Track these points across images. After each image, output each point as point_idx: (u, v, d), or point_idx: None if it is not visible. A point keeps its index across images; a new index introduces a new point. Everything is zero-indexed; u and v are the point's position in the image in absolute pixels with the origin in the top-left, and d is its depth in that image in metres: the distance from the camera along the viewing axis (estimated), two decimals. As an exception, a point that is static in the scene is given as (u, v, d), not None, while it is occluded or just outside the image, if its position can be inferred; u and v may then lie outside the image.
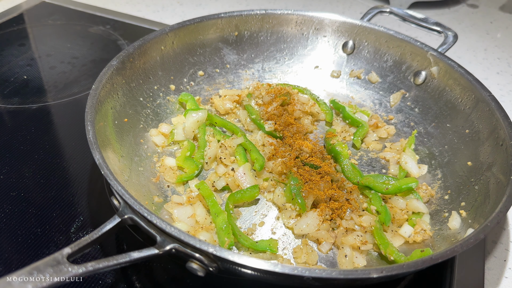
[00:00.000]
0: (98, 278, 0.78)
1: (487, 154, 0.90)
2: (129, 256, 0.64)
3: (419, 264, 0.64)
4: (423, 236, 0.86)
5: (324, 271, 0.61)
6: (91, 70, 1.38)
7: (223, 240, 0.80)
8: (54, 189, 0.96)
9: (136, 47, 1.04)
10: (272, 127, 1.06)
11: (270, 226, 0.90)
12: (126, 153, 0.94)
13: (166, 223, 0.65)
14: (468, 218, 0.84)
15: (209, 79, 1.23)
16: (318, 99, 1.20)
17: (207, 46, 1.21)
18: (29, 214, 0.89)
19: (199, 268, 0.66)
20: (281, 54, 1.28)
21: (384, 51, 1.19)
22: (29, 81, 1.31)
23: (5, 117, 1.17)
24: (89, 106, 0.85)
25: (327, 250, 0.84)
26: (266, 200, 0.95)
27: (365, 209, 0.92)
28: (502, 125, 0.88)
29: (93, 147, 0.77)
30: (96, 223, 0.89)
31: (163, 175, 0.97)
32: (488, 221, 0.71)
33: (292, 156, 0.98)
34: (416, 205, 0.91)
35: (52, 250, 0.83)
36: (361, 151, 1.10)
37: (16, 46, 1.47)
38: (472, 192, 0.89)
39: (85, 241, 0.65)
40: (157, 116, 1.10)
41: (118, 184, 0.70)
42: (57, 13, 1.68)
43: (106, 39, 1.53)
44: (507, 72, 1.52)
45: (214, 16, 1.18)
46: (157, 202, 0.90)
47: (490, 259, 0.88)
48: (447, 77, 1.06)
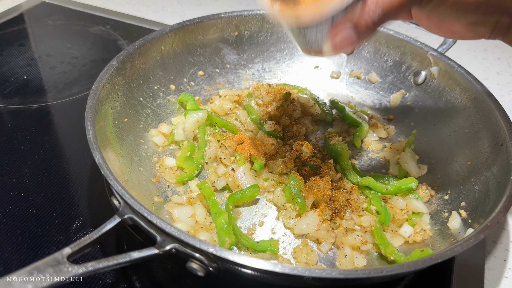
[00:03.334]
0: (98, 278, 0.78)
1: (487, 154, 0.90)
2: (129, 256, 0.64)
3: (419, 264, 0.64)
4: (423, 236, 0.86)
5: (324, 271, 0.61)
6: (91, 70, 1.38)
7: (223, 240, 0.80)
8: (54, 189, 0.96)
9: (136, 47, 1.04)
10: (272, 127, 1.06)
11: (270, 226, 0.90)
12: (126, 153, 0.94)
13: (166, 223, 0.65)
14: (468, 218, 0.84)
15: (209, 79, 1.23)
16: (318, 99, 1.20)
17: (207, 46, 1.21)
18: (29, 214, 0.89)
19: (199, 268, 0.66)
20: (281, 54, 1.28)
21: (384, 51, 1.19)
22: (29, 81, 1.31)
23: (5, 117, 1.17)
24: (89, 106, 0.85)
25: (327, 250, 0.84)
26: (266, 200, 0.95)
27: (365, 209, 0.92)
28: (502, 125, 0.88)
29: (93, 147, 0.77)
30: (96, 223, 0.89)
31: (163, 175, 0.97)
32: (488, 221, 0.71)
33: (292, 156, 0.98)
34: (416, 205, 0.91)
35: (52, 250, 0.83)
36: (361, 151, 1.10)
37: (16, 46, 1.47)
38: (472, 192, 0.89)
39: (85, 241, 0.65)
40: (157, 116, 1.10)
41: (118, 184, 0.70)
42: (57, 13, 1.68)
43: (106, 39, 1.53)
44: (507, 72, 1.52)
45: (214, 16, 1.18)
46: (157, 202, 0.90)
47: (490, 259, 0.88)
48: (447, 77, 1.06)
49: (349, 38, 0.68)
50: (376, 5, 0.65)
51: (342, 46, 0.70)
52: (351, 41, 0.69)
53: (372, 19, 0.66)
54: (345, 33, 0.68)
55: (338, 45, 0.70)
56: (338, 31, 0.69)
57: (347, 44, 0.69)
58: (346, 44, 0.69)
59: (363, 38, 0.69)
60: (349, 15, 0.68)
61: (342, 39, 0.69)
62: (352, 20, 0.68)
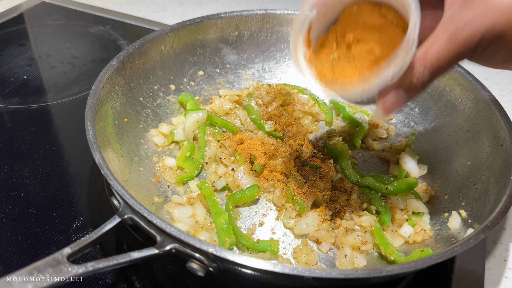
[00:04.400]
0: (98, 278, 0.78)
1: (487, 154, 0.90)
2: (129, 256, 0.64)
3: (419, 264, 0.64)
4: (423, 236, 0.86)
5: (324, 271, 0.61)
6: (91, 70, 1.38)
7: (223, 240, 0.80)
8: (54, 189, 0.96)
9: (136, 47, 1.04)
10: (272, 127, 1.06)
11: (270, 226, 0.90)
12: (126, 153, 0.94)
13: (166, 223, 0.65)
14: (468, 218, 0.84)
15: (209, 79, 1.23)
16: (318, 99, 1.20)
17: (207, 46, 1.21)
18: (29, 214, 0.89)
19: (199, 268, 0.66)
20: (281, 54, 1.28)
21: (384, 51, 1.19)
22: (29, 81, 1.31)
23: (5, 117, 1.17)
24: (89, 106, 0.85)
25: (327, 250, 0.84)
26: (266, 200, 0.95)
27: (365, 209, 0.92)
28: (502, 125, 0.88)
29: (93, 147, 0.77)
30: (96, 223, 0.89)
31: (163, 175, 0.97)
32: (488, 221, 0.71)
33: (292, 157, 0.98)
34: (416, 205, 0.91)
35: (52, 250, 0.83)
36: (361, 151, 1.10)
37: (16, 46, 1.47)
38: (472, 192, 0.89)
39: (85, 241, 0.65)
40: (157, 116, 1.10)
41: (118, 184, 0.70)
42: (57, 13, 1.68)
43: (106, 39, 1.53)
44: (507, 72, 1.52)
45: (214, 16, 1.18)
46: (157, 202, 0.90)
47: (490, 259, 0.88)
48: (447, 77, 1.06)
49: (398, 101, 0.67)
50: (424, 69, 0.63)
51: (392, 109, 0.69)
52: (401, 103, 0.68)
53: (422, 82, 0.65)
54: (394, 98, 0.67)
55: (388, 109, 0.69)
56: (387, 96, 0.67)
57: (397, 107, 0.68)
58: (396, 106, 0.68)
59: (413, 98, 0.68)
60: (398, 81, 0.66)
61: (391, 103, 0.68)
62: (401, 85, 0.66)
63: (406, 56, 0.61)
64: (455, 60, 0.63)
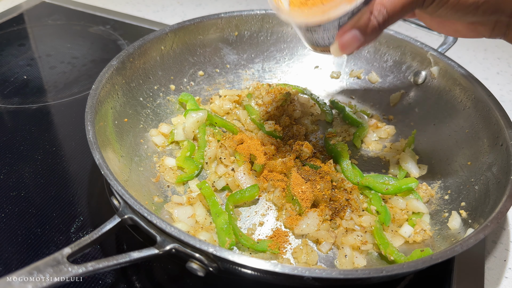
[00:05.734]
0: (98, 278, 0.79)
1: (487, 154, 0.90)
2: (129, 256, 0.64)
3: (419, 264, 0.64)
4: (423, 236, 0.86)
5: (324, 271, 0.61)
6: (91, 70, 1.38)
7: (223, 240, 0.80)
8: (54, 189, 0.96)
9: (136, 47, 1.04)
10: (272, 127, 1.06)
11: (270, 226, 0.90)
12: (126, 153, 0.94)
13: (166, 223, 0.65)
14: (468, 218, 0.84)
15: (209, 79, 1.23)
16: (318, 99, 1.20)
17: (207, 46, 1.21)
18: (29, 214, 0.89)
19: (199, 268, 0.66)
20: (281, 54, 1.28)
21: (384, 51, 1.19)
22: (29, 81, 1.31)
23: (5, 117, 1.17)
24: (89, 106, 0.85)
25: (327, 250, 0.84)
26: (266, 200, 0.95)
27: (365, 209, 0.92)
28: (502, 125, 0.88)
29: (93, 147, 0.77)
30: (96, 223, 0.89)
31: (163, 175, 0.97)
32: (488, 221, 0.71)
33: (292, 157, 0.98)
34: (416, 205, 0.91)
35: (52, 250, 0.83)
36: (361, 151, 1.10)
37: (16, 46, 1.47)
38: (472, 192, 0.89)
39: (85, 241, 0.65)
40: (157, 116, 1.10)
41: (118, 184, 0.70)
42: (57, 13, 1.68)
43: (106, 39, 1.53)
44: (507, 72, 1.52)
45: (214, 16, 1.18)
46: (157, 202, 0.90)
47: (490, 259, 0.88)
48: (447, 77, 1.06)
49: (355, 39, 0.71)
50: (381, 7, 0.69)
51: (349, 46, 0.73)
52: (358, 42, 0.72)
53: (378, 21, 0.70)
54: (352, 34, 0.71)
55: (345, 46, 0.73)
56: (345, 32, 0.72)
57: (354, 45, 0.72)
58: (353, 44, 0.72)
59: (370, 39, 0.72)
60: (356, 17, 0.70)
61: (349, 40, 0.72)
62: (359, 22, 0.71)
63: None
64: (407, 7, 0.70)
